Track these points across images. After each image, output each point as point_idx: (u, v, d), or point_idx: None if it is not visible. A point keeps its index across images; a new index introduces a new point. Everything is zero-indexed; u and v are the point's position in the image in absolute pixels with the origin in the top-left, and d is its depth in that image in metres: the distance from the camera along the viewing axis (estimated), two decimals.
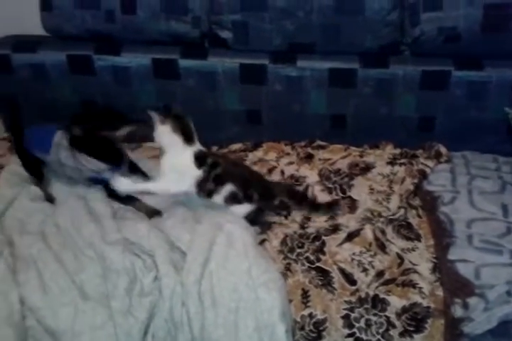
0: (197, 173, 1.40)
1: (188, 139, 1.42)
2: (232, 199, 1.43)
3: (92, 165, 1.46)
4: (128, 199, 1.50)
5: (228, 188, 1.41)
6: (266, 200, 1.47)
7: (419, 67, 1.72)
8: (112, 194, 1.49)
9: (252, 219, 1.47)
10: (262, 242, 1.44)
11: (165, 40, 1.78)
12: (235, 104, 1.82)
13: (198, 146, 1.44)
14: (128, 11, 1.71)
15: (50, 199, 1.54)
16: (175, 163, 1.40)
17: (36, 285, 1.24)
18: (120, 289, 1.24)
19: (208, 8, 1.73)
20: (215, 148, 1.86)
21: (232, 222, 1.40)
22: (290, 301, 1.28)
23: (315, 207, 1.53)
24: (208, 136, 1.86)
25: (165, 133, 1.39)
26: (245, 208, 1.46)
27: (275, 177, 1.69)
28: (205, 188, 1.42)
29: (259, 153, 1.81)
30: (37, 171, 1.56)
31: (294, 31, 1.70)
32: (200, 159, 1.41)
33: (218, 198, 1.43)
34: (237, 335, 1.19)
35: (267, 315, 1.21)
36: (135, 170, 1.53)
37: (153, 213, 1.48)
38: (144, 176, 1.52)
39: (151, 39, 1.77)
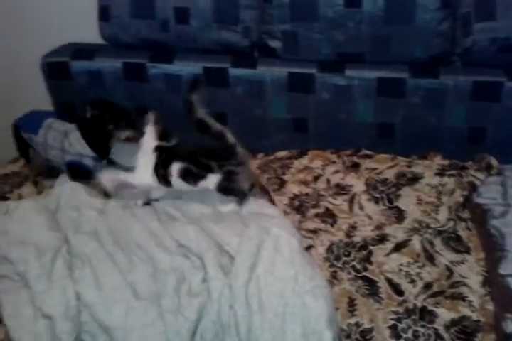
0: (153, 160, 1.49)
1: (161, 138, 1.53)
2: (190, 175, 1.46)
3: (79, 148, 1.53)
4: (87, 179, 1.57)
5: (176, 166, 1.46)
6: (228, 162, 1.47)
7: (470, 78, 1.70)
8: (75, 175, 1.58)
9: (226, 187, 1.47)
10: (307, 248, 1.44)
11: (216, 49, 1.82)
12: (282, 113, 1.84)
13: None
14: (182, 20, 1.76)
15: None
16: (146, 158, 1.50)
17: (91, 283, 1.29)
18: (169, 288, 1.27)
19: (258, 19, 1.77)
20: (260, 155, 1.89)
21: (279, 226, 1.42)
22: (336, 309, 1.28)
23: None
24: (254, 144, 1.90)
25: (152, 133, 1.51)
26: (213, 179, 1.46)
27: (321, 185, 1.70)
28: (159, 174, 1.48)
29: (304, 161, 1.81)
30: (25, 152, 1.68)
31: (344, 41, 1.72)
32: (156, 148, 1.51)
33: (175, 180, 1.47)
34: (284, 340, 1.20)
35: (313, 321, 1.21)
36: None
37: (105, 194, 1.54)
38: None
39: (203, 48, 1.82)
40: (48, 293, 1.26)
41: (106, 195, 1.56)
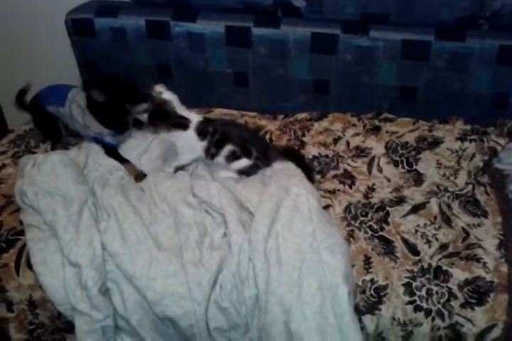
0: (202, 144, 1.51)
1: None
2: (232, 156, 1.51)
3: (96, 128, 1.56)
4: (123, 160, 1.60)
5: (228, 148, 1.50)
6: (264, 158, 1.54)
7: (497, 42, 1.67)
8: (110, 153, 1.61)
9: (246, 172, 1.54)
10: (325, 208, 1.46)
11: (239, 8, 1.80)
12: (304, 74, 1.83)
13: (196, 118, 1.52)
14: None
15: None
16: (185, 142, 1.52)
17: (116, 234, 1.33)
18: (191, 241, 1.32)
19: None
20: (280, 117, 1.89)
21: (298, 185, 1.43)
22: (352, 266, 1.31)
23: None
24: (275, 105, 1.91)
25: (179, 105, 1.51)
26: (243, 163, 1.51)
27: (340, 147, 1.71)
28: (210, 153, 1.53)
29: (324, 123, 1.82)
30: (52, 127, 1.68)
31: (369, 1, 1.69)
32: (202, 132, 1.51)
33: (220, 159, 1.52)
34: (300, 293, 1.24)
35: (330, 276, 1.25)
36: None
37: (140, 175, 1.56)
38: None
39: (226, 7, 1.80)
40: (75, 242, 1.31)
41: (142, 175, 1.57)
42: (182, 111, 1.49)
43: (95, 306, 1.25)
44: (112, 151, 1.61)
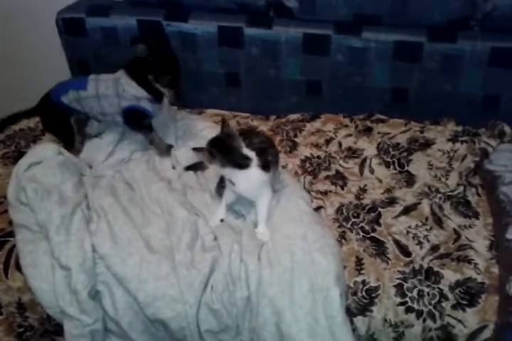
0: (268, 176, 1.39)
1: None
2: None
3: (135, 91, 1.51)
4: (149, 130, 1.61)
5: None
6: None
7: (488, 44, 1.67)
8: (135, 125, 1.60)
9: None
10: (317, 209, 1.46)
11: (231, 8, 1.79)
12: (296, 74, 1.82)
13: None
14: None
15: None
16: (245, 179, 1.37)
17: (107, 235, 1.32)
18: (183, 243, 1.31)
19: None
20: (273, 117, 1.89)
21: (288, 188, 1.43)
22: (344, 267, 1.31)
23: None
24: (267, 105, 1.91)
25: None
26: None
27: (332, 148, 1.71)
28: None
29: (316, 124, 1.82)
30: (64, 127, 1.63)
31: (361, 2, 1.69)
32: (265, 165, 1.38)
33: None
34: (292, 294, 1.23)
35: (321, 278, 1.24)
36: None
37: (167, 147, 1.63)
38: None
39: (218, 7, 1.79)
40: (65, 244, 1.30)
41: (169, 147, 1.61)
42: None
43: (84, 310, 1.24)
44: (139, 116, 1.56)
